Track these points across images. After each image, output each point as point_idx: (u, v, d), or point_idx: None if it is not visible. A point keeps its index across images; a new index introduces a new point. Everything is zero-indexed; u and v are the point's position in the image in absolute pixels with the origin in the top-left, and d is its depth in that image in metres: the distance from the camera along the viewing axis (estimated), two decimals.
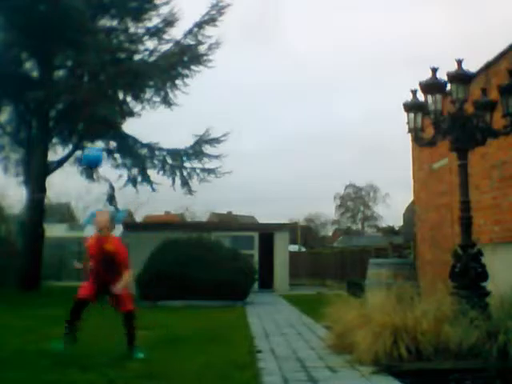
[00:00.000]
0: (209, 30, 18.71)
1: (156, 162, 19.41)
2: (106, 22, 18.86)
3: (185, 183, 19.54)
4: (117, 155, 19.88)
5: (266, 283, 18.60)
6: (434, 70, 6.09)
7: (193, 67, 18.79)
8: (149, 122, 21.61)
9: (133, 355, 5.70)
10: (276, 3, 75.92)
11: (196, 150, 19.41)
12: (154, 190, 20.05)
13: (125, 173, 19.74)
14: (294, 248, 34.07)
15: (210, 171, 19.55)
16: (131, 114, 19.59)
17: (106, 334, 7.69)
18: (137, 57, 18.91)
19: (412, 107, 6.29)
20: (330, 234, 61.75)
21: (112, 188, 20.38)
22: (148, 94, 19.22)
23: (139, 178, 19.75)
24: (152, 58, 18.55)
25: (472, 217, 6.07)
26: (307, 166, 71.97)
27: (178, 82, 18.97)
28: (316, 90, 74.90)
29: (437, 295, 5.55)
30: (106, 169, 20.41)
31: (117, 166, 19.88)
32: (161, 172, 19.43)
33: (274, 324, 8.99)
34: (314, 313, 8.80)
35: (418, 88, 6.20)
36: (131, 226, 23.69)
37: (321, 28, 79.04)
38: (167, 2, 18.51)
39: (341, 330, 5.85)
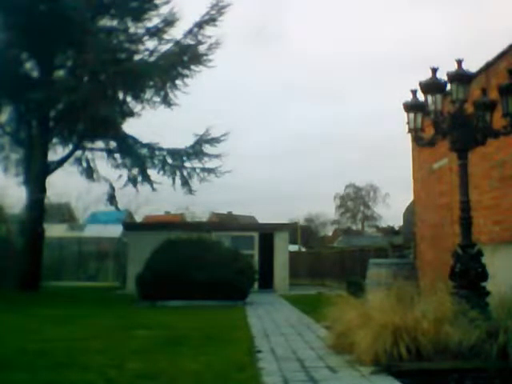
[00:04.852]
0: (209, 30, 18.77)
1: (156, 161, 19.43)
2: (106, 22, 18.88)
3: (185, 183, 19.56)
4: (117, 155, 19.90)
5: (266, 283, 18.60)
6: (434, 70, 6.10)
7: (193, 67, 18.81)
8: (149, 122, 21.61)
9: None
10: (277, 4, 75.91)
11: (196, 150, 19.44)
12: (154, 189, 20.08)
13: (125, 173, 19.79)
14: (294, 248, 34.04)
15: (210, 171, 19.57)
16: (131, 113, 19.60)
17: (106, 334, 7.71)
18: (137, 57, 18.92)
19: (412, 107, 6.28)
20: (330, 234, 61.74)
21: (112, 188, 20.41)
22: (148, 94, 19.25)
23: (139, 178, 19.76)
24: (152, 58, 18.56)
25: (472, 217, 6.07)
26: (307, 165, 71.99)
27: (178, 82, 19.00)
28: (316, 91, 74.89)
29: (437, 295, 5.54)
30: (106, 169, 20.47)
31: (117, 166, 19.90)
32: (161, 172, 19.46)
33: (273, 324, 8.98)
34: (314, 313, 8.80)
35: (418, 88, 6.20)
36: (131, 226, 23.74)
37: (322, 28, 79.02)
38: (167, 1, 18.54)
39: (341, 329, 5.84)
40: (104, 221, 27.21)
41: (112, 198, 20.57)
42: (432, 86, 6.09)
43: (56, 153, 19.54)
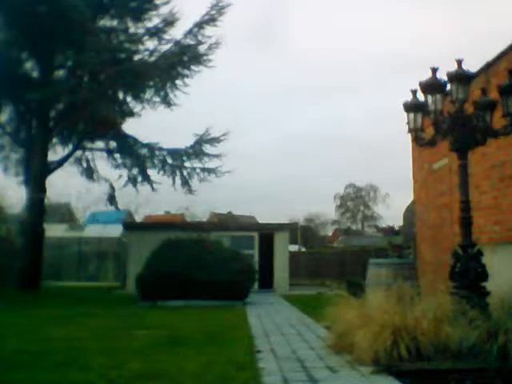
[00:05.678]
0: (209, 30, 18.77)
1: (156, 161, 19.44)
2: (106, 22, 18.89)
3: (185, 183, 19.56)
4: (117, 155, 19.92)
5: (266, 283, 18.60)
6: (434, 70, 6.09)
7: (193, 67, 18.81)
8: (149, 122, 21.65)
9: None
10: (278, 4, 75.91)
11: (196, 150, 19.44)
12: (154, 189, 20.09)
13: (125, 173, 19.81)
14: (294, 248, 34.05)
15: (210, 171, 19.57)
16: (131, 113, 19.61)
17: (107, 334, 7.71)
18: (137, 57, 18.92)
19: (412, 107, 6.28)
20: (330, 234, 61.76)
21: (112, 188, 20.43)
22: (148, 94, 19.26)
23: (139, 178, 19.78)
24: (152, 58, 18.56)
25: (472, 217, 6.07)
26: (307, 166, 72.05)
27: (178, 82, 19.00)
28: (317, 91, 74.91)
29: (437, 295, 5.54)
30: (106, 169, 20.48)
31: (117, 166, 19.92)
32: (161, 172, 19.47)
33: (273, 324, 8.98)
34: (314, 313, 8.80)
35: (418, 88, 6.20)
36: (131, 225, 23.73)
37: (322, 28, 79.00)
38: (167, 1, 18.54)
39: (341, 329, 5.83)
40: (104, 221, 27.21)
41: (112, 198, 20.59)
42: (432, 86, 6.09)
43: (56, 153, 19.60)
